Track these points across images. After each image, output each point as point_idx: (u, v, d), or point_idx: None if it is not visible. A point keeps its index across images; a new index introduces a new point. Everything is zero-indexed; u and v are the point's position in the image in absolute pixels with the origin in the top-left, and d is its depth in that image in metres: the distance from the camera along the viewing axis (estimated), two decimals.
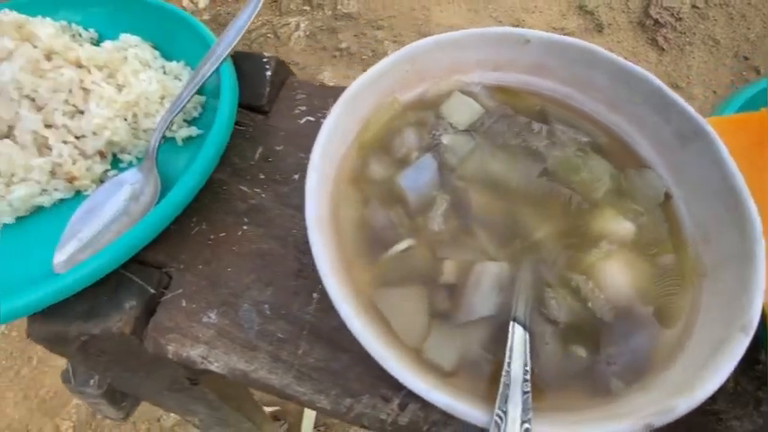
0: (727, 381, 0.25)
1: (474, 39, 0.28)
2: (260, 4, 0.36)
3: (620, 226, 0.25)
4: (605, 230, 0.24)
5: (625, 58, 0.28)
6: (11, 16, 0.30)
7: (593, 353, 0.21)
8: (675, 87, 1.63)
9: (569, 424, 0.18)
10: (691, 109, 0.26)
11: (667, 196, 0.26)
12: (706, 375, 0.19)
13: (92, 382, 0.37)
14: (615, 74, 0.28)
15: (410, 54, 0.28)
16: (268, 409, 0.94)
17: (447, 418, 0.26)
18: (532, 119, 0.29)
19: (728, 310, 0.21)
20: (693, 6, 1.73)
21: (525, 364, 0.19)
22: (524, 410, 0.18)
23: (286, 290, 0.31)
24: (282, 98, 0.40)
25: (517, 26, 1.71)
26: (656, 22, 1.65)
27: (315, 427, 1.01)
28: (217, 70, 0.33)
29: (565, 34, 1.79)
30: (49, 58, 0.30)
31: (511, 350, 0.20)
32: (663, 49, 1.63)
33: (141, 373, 0.35)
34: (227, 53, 0.34)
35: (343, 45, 1.64)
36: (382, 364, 0.18)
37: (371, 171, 0.26)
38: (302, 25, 1.73)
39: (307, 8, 1.76)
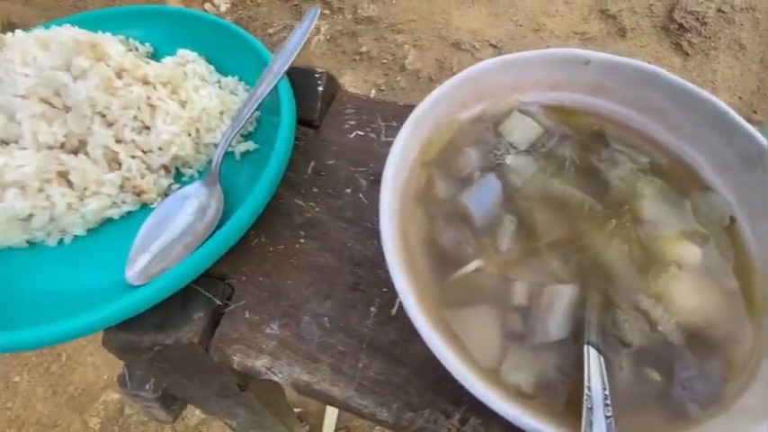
0: None
1: (537, 59, 0.29)
2: (315, 20, 0.37)
3: (687, 250, 0.25)
4: (671, 254, 0.25)
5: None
6: (85, 36, 0.31)
7: (668, 377, 0.21)
8: None
9: None
10: (756, 132, 0.26)
11: (732, 220, 0.26)
12: None
13: (147, 386, 0.38)
14: (676, 96, 0.28)
15: (473, 74, 0.28)
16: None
17: None
18: (591, 139, 0.29)
19: None
20: (719, 11, 1.70)
21: (604, 388, 0.20)
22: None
23: (344, 303, 0.31)
24: (332, 112, 0.41)
25: (538, 30, 1.71)
26: (681, 26, 1.63)
27: (336, 430, 1.02)
28: (275, 87, 0.34)
29: (586, 39, 1.75)
30: (119, 75, 0.31)
31: (589, 374, 0.20)
32: (687, 54, 1.61)
33: (196, 380, 0.36)
34: (284, 70, 0.35)
35: (364, 49, 1.65)
36: (467, 386, 0.19)
37: (436, 190, 0.27)
38: (322, 29, 1.74)
39: (327, 12, 1.78)
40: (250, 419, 0.52)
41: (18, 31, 0.35)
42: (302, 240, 0.34)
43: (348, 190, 0.36)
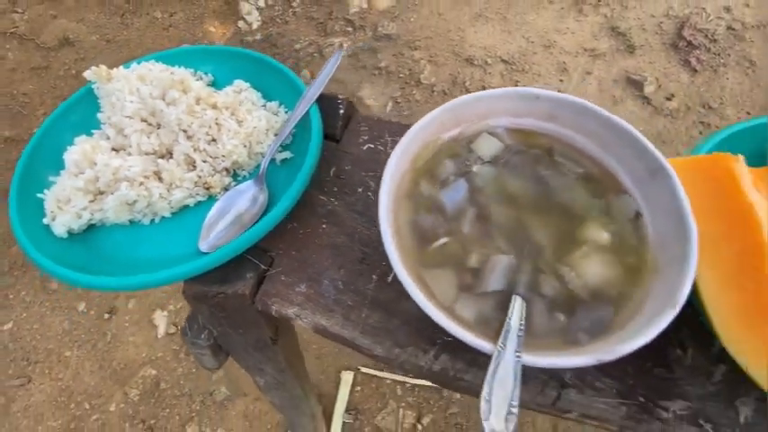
0: (686, 355, 0.35)
1: (502, 95, 0.39)
2: (338, 61, 0.48)
3: (599, 234, 0.34)
4: (587, 237, 0.34)
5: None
6: (179, 74, 0.43)
7: (570, 318, 0.31)
8: (708, 108, 1.66)
9: (545, 356, 0.28)
10: (657, 152, 0.36)
11: (638, 215, 0.36)
12: (642, 333, 0.28)
13: (203, 336, 0.50)
14: (605, 124, 0.38)
15: (450, 107, 0.39)
16: None
17: (468, 366, 0.37)
18: (541, 154, 0.39)
19: (667, 294, 0.30)
20: (729, 28, 1.75)
21: (521, 321, 0.30)
22: (518, 346, 0.28)
23: (353, 272, 0.42)
24: (350, 129, 0.52)
25: (549, 47, 1.79)
26: (690, 43, 1.69)
27: (346, 411, 1.12)
28: (308, 110, 0.46)
29: (596, 55, 1.83)
30: (198, 102, 0.43)
31: (512, 311, 0.30)
32: (695, 71, 1.66)
33: (240, 330, 0.47)
34: (315, 98, 0.46)
35: (383, 64, 1.78)
36: (431, 315, 0.29)
37: (421, 190, 0.38)
38: (345, 45, 1.88)
39: (349, 29, 1.92)
40: (275, 378, 0.63)
41: (121, 68, 0.48)
42: (324, 226, 0.45)
43: (360, 189, 0.47)
